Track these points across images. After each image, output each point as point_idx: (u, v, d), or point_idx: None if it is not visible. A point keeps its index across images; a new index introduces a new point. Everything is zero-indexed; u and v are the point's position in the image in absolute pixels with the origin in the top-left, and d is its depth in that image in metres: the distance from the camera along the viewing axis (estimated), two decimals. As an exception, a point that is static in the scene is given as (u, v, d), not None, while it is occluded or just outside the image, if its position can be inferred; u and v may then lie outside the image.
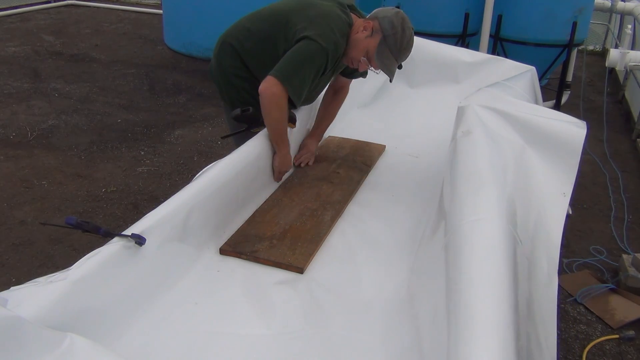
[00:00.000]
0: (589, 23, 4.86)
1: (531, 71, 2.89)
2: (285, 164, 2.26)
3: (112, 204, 3.31)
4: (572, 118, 1.95)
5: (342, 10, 2.19)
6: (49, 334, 1.13)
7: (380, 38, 2.11)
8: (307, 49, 2.05)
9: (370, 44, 2.13)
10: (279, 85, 2.01)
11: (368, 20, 2.17)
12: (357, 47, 2.16)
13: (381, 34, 2.11)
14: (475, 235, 1.46)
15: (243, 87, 2.29)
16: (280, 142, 2.19)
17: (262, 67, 2.15)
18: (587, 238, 3.23)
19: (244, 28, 2.27)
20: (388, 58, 2.14)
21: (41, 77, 5.45)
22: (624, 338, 2.46)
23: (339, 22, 2.13)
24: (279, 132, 2.17)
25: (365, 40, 2.14)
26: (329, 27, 2.09)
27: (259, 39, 2.21)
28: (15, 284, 1.29)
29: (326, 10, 2.15)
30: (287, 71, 2.03)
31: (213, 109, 4.84)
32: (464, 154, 1.85)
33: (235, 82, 2.30)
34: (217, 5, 5.73)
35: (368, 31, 2.13)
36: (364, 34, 2.14)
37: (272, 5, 2.28)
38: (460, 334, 1.19)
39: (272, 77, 2.02)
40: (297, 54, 2.05)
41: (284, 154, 2.23)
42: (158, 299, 1.56)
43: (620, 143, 4.61)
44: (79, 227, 1.39)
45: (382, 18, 2.13)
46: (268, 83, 2.02)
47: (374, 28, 2.13)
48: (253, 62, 2.24)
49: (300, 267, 1.78)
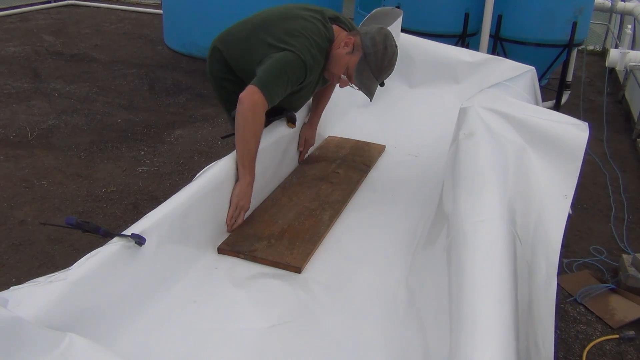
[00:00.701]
0: (589, 23, 4.86)
1: (531, 71, 2.89)
2: (246, 198, 1.96)
3: (112, 204, 3.31)
4: (574, 120, 1.94)
5: (323, 24, 2.15)
6: (48, 334, 1.13)
7: (361, 56, 2.06)
8: (286, 60, 2.01)
9: (350, 60, 2.08)
10: (260, 93, 1.94)
11: (350, 35, 2.13)
12: (338, 63, 2.12)
13: (362, 51, 2.06)
14: (477, 236, 1.46)
15: (233, 90, 2.23)
16: (247, 164, 1.95)
17: (246, 74, 2.13)
18: (587, 238, 3.23)
19: (231, 34, 2.26)
20: (368, 78, 2.09)
21: (41, 77, 5.45)
22: (624, 338, 2.46)
23: (318, 37, 2.09)
24: (249, 149, 1.95)
25: (345, 56, 2.09)
26: (308, 42, 2.05)
27: (245, 48, 2.18)
28: (15, 284, 1.28)
29: (307, 25, 2.12)
30: (266, 80, 1.98)
31: (213, 109, 4.84)
32: (466, 156, 1.85)
33: (225, 85, 2.30)
34: (217, 5, 5.73)
35: (349, 47, 2.09)
36: (345, 50, 2.09)
37: (259, 14, 2.27)
38: (462, 334, 1.19)
39: (253, 85, 1.96)
40: (276, 64, 2.00)
41: (247, 182, 1.96)
42: (158, 299, 1.56)
43: (620, 143, 4.61)
44: (79, 227, 1.39)
45: (364, 34, 2.08)
46: (248, 91, 1.95)
47: (355, 44, 2.08)
48: (239, 70, 2.23)
49: (298, 267, 1.78)
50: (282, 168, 2.36)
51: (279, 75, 2.00)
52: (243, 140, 1.95)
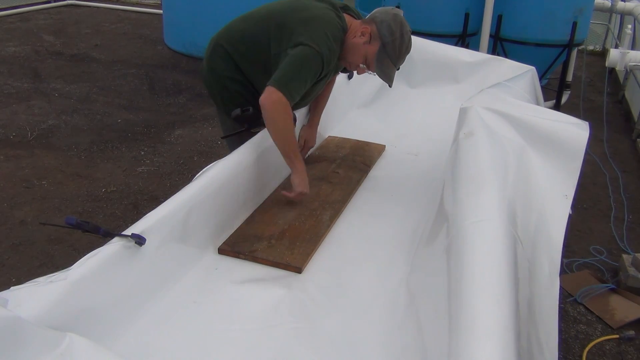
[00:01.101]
0: (589, 23, 4.86)
1: (531, 71, 2.88)
2: (305, 185, 2.08)
3: (112, 204, 3.31)
4: (574, 119, 1.94)
5: (336, 13, 2.13)
6: (48, 334, 1.13)
7: (379, 46, 2.07)
8: (303, 55, 1.98)
9: (369, 50, 2.08)
10: (278, 92, 1.93)
11: (365, 24, 2.11)
12: (356, 53, 2.11)
13: (380, 41, 2.06)
14: (477, 236, 1.46)
15: (237, 90, 2.24)
16: (293, 155, 2.05)
17: (256, 71, 2.12)
18: (587, 238, 3.23)
19: (238, 30, 2.21)
20: (387, 66, 2.11)
21: (41, 77, 5.45)
22: (624, 338, 2.46)
23: (333, 26, 2.07)
24: (289, 142, 2.04)
25: (363, 46, 2.09)
26: (323, 32, 2.03)
27: (253, 42, 2.15)
28: (15, 284, 1.28)
29: (320, 14, 2.09)
30: (285, 78, 1.96)
31: (213, 109, 4.79)
32: (467, 156, 1.85)
33: (229, 85, 2.24)
34: (217, 5, 5.72)
35: (366, 37, 2.08)
36: (362, 39, 2.08)
37: (265, 6, 2.22)
38: (462, 334, 1.19)
39: (270, 86, 1.94)
40: (294, 61, 1.98)
41: (301, 170, 2.07)
42: (158, 299, 1.56)
43: (620, 143, 4.61)
44: (79, 227, 1.39)
45: (380, 23, 2.07)
46: (267, 93, 1.94)
47: (372, 34, 2.07)
48: (247, 66, 2.19)
49: (298, 267, 1.78)
50: (283, 168, 2.36)
51: (297, 71, 1.98)
52: (280, 139, 2.01)
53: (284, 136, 2.02)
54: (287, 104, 1.96)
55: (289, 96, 1.96)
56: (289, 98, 1.95)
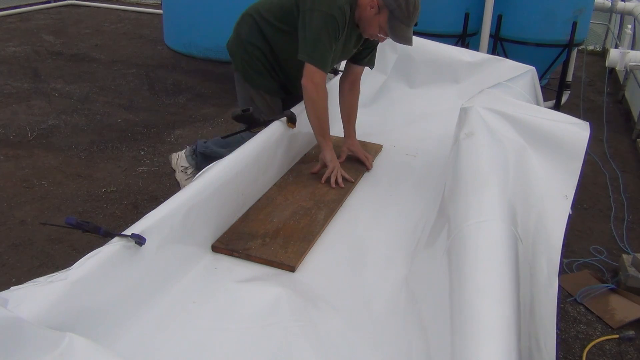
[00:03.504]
0: (589, 23, 4.86)
1: (531, 71, 2.89)
2: (335, 160, 2.36)
3: (112, 204, 3.31)
4: (575, 119, 1.94)
5: None
6: (48, 334, 1.13)
7: (388, 13, 2.19)
8: (316, 20, 2.17)
9: (380, 20, 2.23)
10: (316, 71, 2.19)
11: None
12: (371, 25, 2.27)
13: (387, 8, 2.19)
14: (478, 237, 1.46)
15: (258, 57, 2.47)
16: (326, 135, 2.35)
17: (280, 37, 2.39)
18: (587, 238, 3.23)
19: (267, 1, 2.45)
20: (401, 29, 2.24)
21: (41, 77, 5.45)
22: (624, 338, 2.46)
23: None
24: (324, 121, 2.31)
25: (375, 17, 2.23)
26: None
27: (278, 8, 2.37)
28: (15, 284, 1.28)
29: None
30: (312, 50, 2.18)
31: (213, 109, 4.84)
32: (467, 156, 1.85)
33: (249, 49, 2.47)
34: (217, 6, 5.73)
35: (375, 8, 2.22)
36: (372, 11, 2.23)
37: None
38: (464, 334, 1.19)
39: (307, 64, 2.19)
40: (310, 28, 2.18)
41: (330, 147, 2.36)
42: (158, 299, 1.56)
43: (620, 143, 4.61)
44: (79, 227, 1.39)
45: None
46: (306, 76, 2.20)
47: (379, 4, 2.21)
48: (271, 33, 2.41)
49: (291, 266, 1.78)
50: (281, 167, 2.36)
51: (319, 39, 2.18)
52: (317, 118, 2.31)
53: (321, 116, 2.30)
54: (324, 80, 2.25)
55: (323, 67, 2.22)
56: (324, 69, 2.22)
